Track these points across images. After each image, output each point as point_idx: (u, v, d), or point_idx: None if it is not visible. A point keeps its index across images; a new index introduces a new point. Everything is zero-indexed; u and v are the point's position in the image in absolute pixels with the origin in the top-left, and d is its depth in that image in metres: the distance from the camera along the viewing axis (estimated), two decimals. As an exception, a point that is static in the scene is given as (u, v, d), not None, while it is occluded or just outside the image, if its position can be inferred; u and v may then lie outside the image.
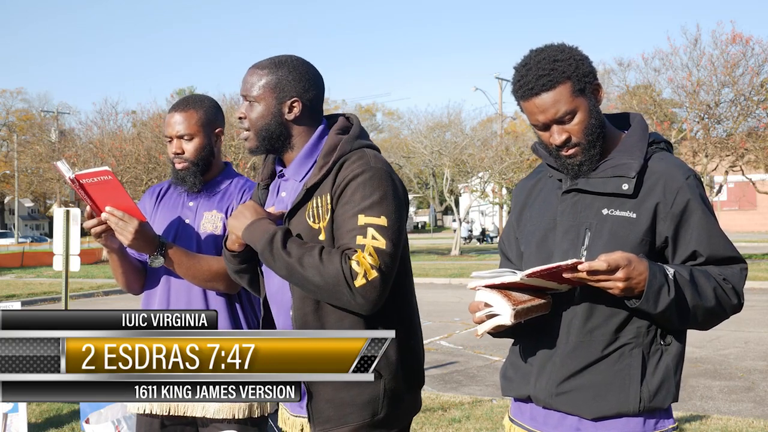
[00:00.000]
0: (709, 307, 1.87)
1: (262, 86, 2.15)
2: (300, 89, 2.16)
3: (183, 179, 2.71)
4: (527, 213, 2.12)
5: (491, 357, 8.61)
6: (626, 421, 1.90)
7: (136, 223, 2.47)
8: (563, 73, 1.89)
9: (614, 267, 1.75)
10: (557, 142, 1.94)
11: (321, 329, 2.05)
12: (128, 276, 2.72)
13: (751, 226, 45.53)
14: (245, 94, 2.18)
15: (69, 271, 7.56)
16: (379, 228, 2.00)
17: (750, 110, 21.29)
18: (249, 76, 2.18)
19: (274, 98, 2.15)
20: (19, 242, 49.53)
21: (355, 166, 2.07)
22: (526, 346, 2.04)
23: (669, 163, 1.96)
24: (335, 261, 1.96)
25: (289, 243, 2.02)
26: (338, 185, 2.07)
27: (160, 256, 2.55)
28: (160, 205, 2.82)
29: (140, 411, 2.72)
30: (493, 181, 31.26)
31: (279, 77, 2.16)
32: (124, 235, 2.47)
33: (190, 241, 2.69)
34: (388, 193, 2.06)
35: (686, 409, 6.00)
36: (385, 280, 1.98)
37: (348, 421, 2.08)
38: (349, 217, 2.02)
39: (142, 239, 2.49)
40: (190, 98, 2.77)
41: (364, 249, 1.97)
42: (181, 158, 2.69)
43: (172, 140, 2.69)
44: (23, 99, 63.54)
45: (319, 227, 2.07)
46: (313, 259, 1.98)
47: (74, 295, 15.91)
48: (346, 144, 2.12)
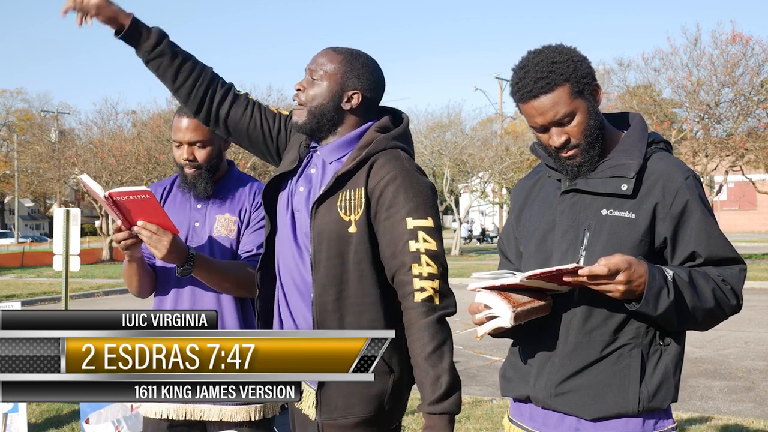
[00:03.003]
0: (708, 308, 1.87)
1: (333, 69, 2.17)
2: (365, 84, 2.20)
3: (194, 185, 2.68)
4: (526, 213, 2.12)
5: (491, 357, 8.62)
6: (625, 421, 1.89)
7: (170, 237, 2.45)
8: (561, 75, 1.88)
9: (615, 271, 1.75)
10: (556, 143, 1.93)
11: (340, 319, 2.08)
12: (142, 282, 2.70)
13: (751, 226, 45.54)
14: (313, 69, 2.18)
15: (69, 271, 7.58)
16: (428, 230, 2.05)
17: (750, 110, 21.28)
18: (322, 56, 2.20)
19: (338, 84, 2.17)
20: (19, 242, 49.51)
21: (390, 166, 2.10)
22: (525, 347, 2.04)
23: (668, 163, 1.95)
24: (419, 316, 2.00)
25: None
26: (376, 185, 2.09)
27: (190, 267, 2.54)
28: (165, 206, 2.77)
29: (155, 416, 2.68)
30: (493, 181, 31.27)
31: (351, 67, 2.18)
32: (158, 249, 2.45)
33: (202, 245, 2.67)
34: (428, 193, 2.11)
35: (686, 409, 6.00)
36: (446, 280, 2.06)
37: (354, 412, 2.10)
38: (397, 221, 2.05)
39: (174, 252, 2.47)
40: None
41: (417, 260, 2.02)
42: (193, 165, 2.66)
43: (182, 145, 2.66)
44: (23, 99, 63.61)
45: (350, 219, 2.09)
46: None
47: (74, 295, 15.91)
48: (381, 141, 2.15)
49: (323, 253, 2.10)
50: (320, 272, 2.10)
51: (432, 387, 1.96)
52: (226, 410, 2.62)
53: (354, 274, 2.08)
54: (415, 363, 2.01)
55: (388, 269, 2.08)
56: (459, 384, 2.00)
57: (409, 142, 2.24)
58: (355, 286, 2.08)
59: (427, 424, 1.99)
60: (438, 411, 1.96)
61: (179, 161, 2.69)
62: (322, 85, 2.17)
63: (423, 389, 1.99)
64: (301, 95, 2.19)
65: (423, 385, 1.99)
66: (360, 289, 2.08)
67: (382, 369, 2.08)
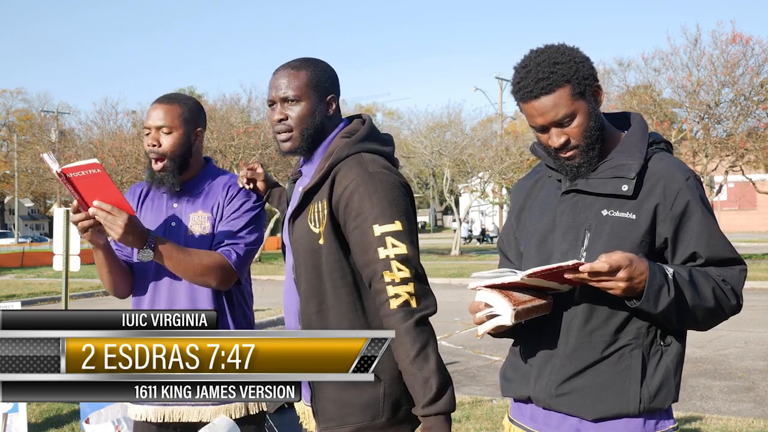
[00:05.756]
0: (709, 307, 1.87)
1: (302, 85, 2.15)
2: (333, 86, 2.21)
3: (161, 180, 2.65)
4: (526, 213, 2.11)
5: (491, 357, 8.62)
6: (626, 421, 1.89)
7: (126, 217, 2.38)
8: (563, 77, 1.88)
9: (616, 267, 1.75)
10: (556, 144, 1.93)
11: (324, 329, 2.07)
12: (115, 276, 2.65)
13: (751, 226, 45.53)
14: (283, 96, 2.15)
15: (69, 271, 7.57)
16: (396, 234, 2.01)
17: (750, 110, 21.28)
18: (282, 77, 2.16)
19: (316, 95, 2.16)
20: (19, 242, 49.52)
21: (352, 174, 2.06)
22: (525, 347, 2.04)
23: (669, 163, 1.95)
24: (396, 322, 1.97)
25: None
26: (340, 195, 2.06)
27: (150, 250, 2.47)
28: (143, 207, 2.75)
29: (136, 417, 2.69)
30: (493, 181, 31.25)
31: (316, 74, 2.17)
32: (113, 229, 2.38)
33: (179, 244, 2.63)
34: (395, 194, 2.06)
35: (686, 409, 6.01)
36: (422, 281, 2.02)
37: (348, 421, 2.09)
38: (365, 230, 2.03)
39: (132, 233, 2.40)
40: (174, 94, 2.72)
41: (388, 267, 1.99)
42: (157, 152, 2.61)
43: (151, 131, 2.62)
44: (23, 99, 63.65)
45: (318, 232, 2.09)
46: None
47: (74, 295, 15.91)
48: (343, 149, 2.12)
49: (302, 266, 2.13)
50: (302, 285, 2.13)
51: (422, 390, 1.95)
52: (205, 411, 2.59)
53: (328, 284, 2.09)
54: (403, 369, 1.99)
55: (364, 278, 2.07)
56: (449, 382, 1.98)
57: (378, 139, 2.20)
58: (331, 296, 2.09)
59: (425, 426, 1.98)
60: (433, 412, 1.95)
61: (146, 149, 2.65)
62: (301, 105, 2.15)
63: (414, 393, 1.98)
64: (287, 123, 2.16)
65: (414, 389, 1.98)
66: (335, 298, 2.09)
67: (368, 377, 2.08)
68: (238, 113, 28.20)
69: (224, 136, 25.85)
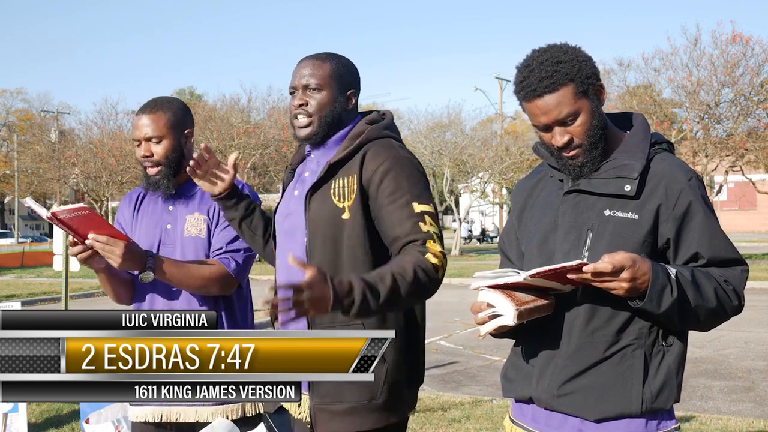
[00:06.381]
0: (711, 307, 1.87)
1: (326, 75, 2.23)
2: (354, 82, 2.29)
3: (156, 184, 2.67)
4: (528, 213, 2.11)
5: (491, 357, 8.62)
6: (628, 422, 1.89)
7: (122, 245, 2.47)
8: (566, 75, 1.88)
9: (619, 268, 1.75)
10: (559, 143, 1.93)
11: None
12: (118, 289, 2.72)
13: (751, 226, 45.55)
14: (306, 83, 2.22)
15: (69, 271, 7.57)
16: (431, 215, 2.12)
17: (750, 110, 21.28)
18: (306, 67, 2.24)
19: (337, 87, 2.24)
20: (19, 242, 49.52)
21: (386, 154, 2.15)
22: (527, 347, 2.04)
23: (671, 164, 1.95)
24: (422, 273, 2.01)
25: (375, 288, 1.96)
26: (374, 171, 2.14)
27: (150, 272, 2.54)
28: (139, 213, 2.78)
29: (134, 419, 2.70)
30: (493, 181, 31.25)
31: (340, 68, 2.26)
32: (112, 258, 2.47)
33: (174, 247, 2.67)
34: (424, 181, 2.19)
35: (686, 409, 6.01)
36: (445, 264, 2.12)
37: (345, 399, 2.12)
38: (402, 205, 2.10)
39: (131, 259, 2.49)
40: (157, 100, 2.72)
41: (432, 238, 2.08)
42: (151, 161, 2.64)
43: (141, 143, 2.65)
44: (23, 99, 63.62)
45: (343, 206, 2.14)
46: (407, 280, 1.99)
47: (74, 295, 15.91)
48: (373, 131, 2.21)
49: (318, 240, 2.15)
50: (315, 259, 2.14)
51: (375, 279, 1.94)
52: (202, 411, 2.61)
53: (347, 259, 2.13)
54: (391, 268, 2.00)
55: (394, 249, 2.11)
56: (369, 312, 1.94)
57: (398, 133, 2.30)
58: (347, 271, 2.11)
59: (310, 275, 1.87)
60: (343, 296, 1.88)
61: (139, 159, 2.69)
62: (322, 93, 2.22)
63: (368, 278, 1.96)
64: (307, 108, 2.23)
65: (373, 274, 1.98)
66: (353, 272, 2.09)
67: None
68: (238, 113, 28.23)
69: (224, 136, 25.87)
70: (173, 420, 2.64)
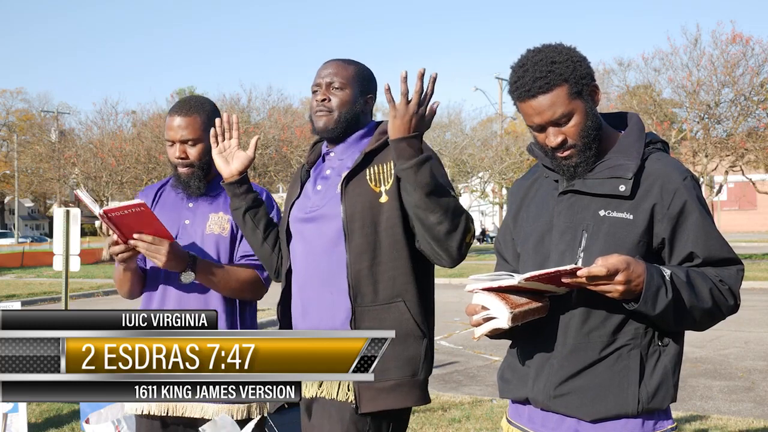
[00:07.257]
0: (706, 307, 1.87)
1: (350, 77, 2.37)
2: (373, 88, 2.45)
3: (187, 183, 2.70)
4: (523, 213, 2.11)
5: (491, 357, 8.62)
6: (625, 422, 1.89)
7: (167, 245, 2.50)
8: (560, 76, 1.88)
9: (613, 271, 1.75)
10: (553, 143, 1.93)
11: (374, 284, 2.22)
12: (134, 285, 2.74)
13: (751, 226, 45.55)
14: (329, 81, 2.36)
15: (69, 271, 7.57)
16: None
17: (750, 110, 21.28)
18: (333, 67, 2.38)
19: (358, 89, 2.38)
20: (19, 242, 49.51)
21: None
22: (523, 348, 2.04)
23: (666, 163, 1.95)
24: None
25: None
26: None
27: (192, 272, 2.56)
28: (157, 207, 2.79)
29: (139, 412, 2.71)
30: (493, 181, 31.27)
31: (362, 73, 2.41)
32: (157, 258, 2.50)
33: (192, 242, 2.68)
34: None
35: (686, 409, 6.00)
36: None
37: (389, 376, 2.18)
38: None
39: (174, 258, 2.52)
40: (191, 101, 2.74)
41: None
42: (185, 163, 2.67)
43: (174, 144, 2.68)
44: (23, 99, 63.46)
45: (380, 191, 2.25)
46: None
47: (74, 295, 15.91)
48: None
49: (356, 222, 2.24)
50: (354, 241, 2.23)
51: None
52: (207, 408, 2.62)
53: (386, 240, 2.23)
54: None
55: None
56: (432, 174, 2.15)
57: None
58: (387, 251, 2.23)
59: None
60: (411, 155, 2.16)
61: (173, 160, 2.71)
62: (345, 93, 2.35)
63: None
64: (328, 103, 2.35)
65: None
66: (393, 252, 2.23)
67: (416, 333, 2.22)
68: (238, 113, 28.16)
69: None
70: (179, 414, 2.65)
